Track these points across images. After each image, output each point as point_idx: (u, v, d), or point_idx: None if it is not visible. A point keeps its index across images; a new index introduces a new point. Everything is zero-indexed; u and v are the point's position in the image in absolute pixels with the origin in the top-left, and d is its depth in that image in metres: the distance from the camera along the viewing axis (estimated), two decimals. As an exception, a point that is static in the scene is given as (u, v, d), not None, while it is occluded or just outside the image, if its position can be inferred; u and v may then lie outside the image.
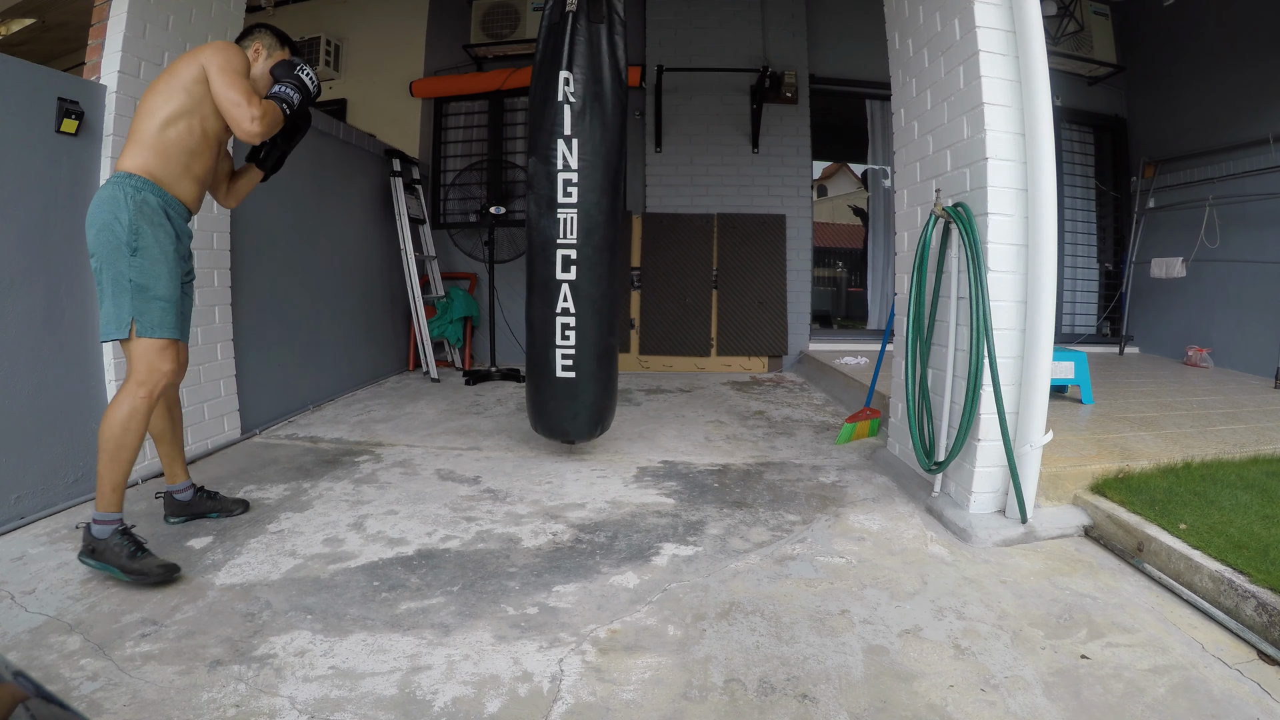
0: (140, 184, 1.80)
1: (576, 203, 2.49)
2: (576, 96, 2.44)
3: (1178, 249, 4.76)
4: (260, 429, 3.24)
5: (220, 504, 2.25)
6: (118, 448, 1.78)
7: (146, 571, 1.73)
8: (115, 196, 1.78)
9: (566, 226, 2.50)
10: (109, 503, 1.78)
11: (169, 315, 1.84)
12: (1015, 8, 2.05)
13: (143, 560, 1.74)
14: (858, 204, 10.52)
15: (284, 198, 3.37)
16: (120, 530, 1.78)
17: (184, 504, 2.21)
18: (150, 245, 1.81)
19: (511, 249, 4.90)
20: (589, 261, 2.53)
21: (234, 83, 1.85)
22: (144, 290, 1.80)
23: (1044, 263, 2.04)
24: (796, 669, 1.43)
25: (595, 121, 2.48)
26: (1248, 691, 1.35)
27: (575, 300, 2.54)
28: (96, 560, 1.75)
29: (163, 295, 1.83)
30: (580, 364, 2.58)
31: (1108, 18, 5.19)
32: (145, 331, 1.80)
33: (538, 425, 2.75)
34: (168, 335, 1.84)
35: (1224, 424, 2.89)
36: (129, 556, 1.73)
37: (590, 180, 2.49)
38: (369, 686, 1.36)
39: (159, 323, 1.82)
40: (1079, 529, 2.12)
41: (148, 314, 1.81)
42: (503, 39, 5.13)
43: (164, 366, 1.83)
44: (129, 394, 1.80)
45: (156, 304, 1.82)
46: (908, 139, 2.63)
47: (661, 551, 2.00)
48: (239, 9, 2.95)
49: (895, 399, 2.79)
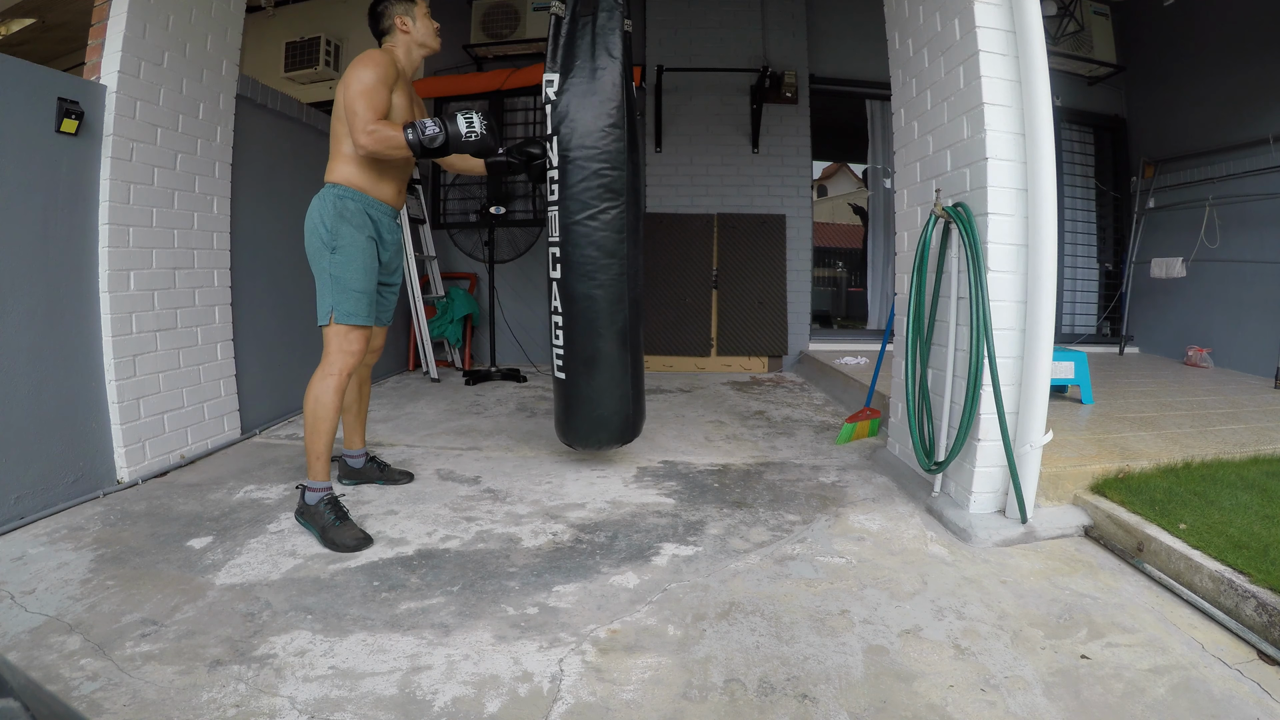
0: (342, 191, 2.07)
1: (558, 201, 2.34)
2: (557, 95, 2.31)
3: (1178, 249, 4.76)
4: (260, 429, 3.24)
5: (387, 475, 2.51)
6: (314, 420, 2.05)
7: (339, 542, 1.95)
8: (320, 204, 2.08)
9: (552, 225, 2.38)
10: (315, 471, 2.05)
11: (361, 305, 2.09)
12: (1015, 8, 2.05)
13: (338, 530, 1.97)
14: (858, 204, 10.52)
15: (284, 198, 3.37)
16: (327, 499, 2.03)
17: (355, 470, 2.48)
18: (348, 244, 2.06)
19: (511, 249, 4.90)
20: (571, 260, 2.37)
21: (358, 98, 1.98)
22: (340, 281, 2.05)
23: (1044, 263, 2.04)
24: (796, 669, 1.43)
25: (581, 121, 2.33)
26: (1248, 691, 1.35)
27: (563, 299, 2.40)
28: (304, 520, 2.04)
29: (357, 287, 2.07)
30: (569, 366, 2.46)
31: (1108, 18, 5.19)
32: (341, 319, 2.06)
33: (557, 428, 2.61)
34: (359, 322, 2.08)
35: (1224, 424, 2.89)
36: (330, 525, 1.98)
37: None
38: (369, 686, 1.36)
39: (352, 311, 2.07)
40: (1079, 529, 2.12)
41: (344, 303, 2.06)
42: (503, 39, 5.13)
43: (353, 348, 2.08)
44: (319, 372, 2.07)
45: (351, 294, 2.06)
46: (908, 139, 2.63)
47: (661, 551, 2.00)
48: (239, 9, 2.95)
49: (895, 399, 2.79)
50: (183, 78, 2.67)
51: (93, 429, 2.38)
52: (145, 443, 2.55)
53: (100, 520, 2.15)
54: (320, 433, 2.04)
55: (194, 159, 2.75)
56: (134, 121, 2.46)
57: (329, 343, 2.06)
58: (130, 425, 2.48)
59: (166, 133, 2.61)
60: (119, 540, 2.01)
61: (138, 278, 2.52)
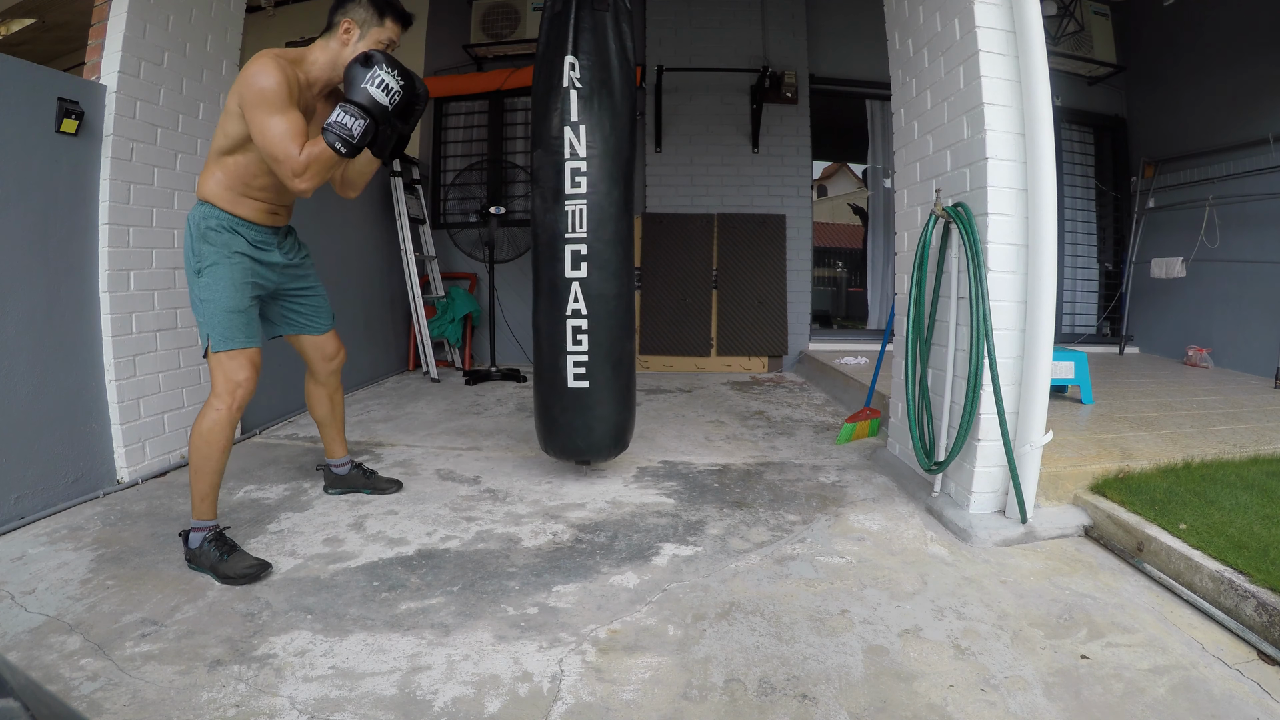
0: (206, 211, 1.84)
1: (585, 194, 2.27)
2: (583, 82, 2.27)
3: (1178, 249, 4.76)
4: (260, 429, 3.24)
5: (374, 482, 2.42)
6: (199, 458, 1.84)
7: (233, 575, 1.77)
8: (187, 225, 1.86)
9: (575, 219, 2.28)
10: (200, 510, 1.86)
11: (235, 326, 1.85)
12: (1015, 8, 2.05)
13: (228, 564, 1.79)
14: (858, 204, 10.52)
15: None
16: (210, 537, 1.83)
17: (340, 478, 2.41)
18: (211, 265, 1.83)
19: (511, 249, 4.91)
20: (600, 257, 2.31)
21: (267, 128, 1.69)
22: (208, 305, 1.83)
23: (1044, 263, 2.04)
24: (796, 669, 1.43)
25: (604, 109, 2.30)
26: (1248, 691, 1.35)
27: (587, 300, 2.31)
28: (194, 566, 1.83)
29: (227, 306, 1.84)
30: (594, 372, 2.35)
31: (1108, 18, 5.19)
32: (218, 345, 1.84)
33: (549, 445, 2.48)
34: (236, 346, 1.86)
35: (1224, 424, 2.89)
36: (219, 561, 1.80)
37: (601, 170, 2.30)
38: (369, 686, 1.36)
39: (226, 335, 1.84)
40: (1079, 529, 2.12)
41: (217, 328, 1.84)
42: (503, 39, 5.14)
43: (238, 376, 1.86)
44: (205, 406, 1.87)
45: (222, 316, 1.83)
46: (908, 139, 2.63)
47: (661, 551, 2.00)
48: (239, 9, 2.94)
49: (895, 399, 2.79)
50: (183, 78, 2.67)
51: (93, 429, 2.38)
52: (145, 443, 2.55)
53: (100, 520, 2.15)
54: (205, 472, 1.83)
55: (194, 159, 2.75)
56: (134, 121, 2.46)
57: (213, 373, 1.84)
58: (130, 425, 2.48)
59: (166, 133, 2.61)
60: (119, 540, 2.01)
61: (138, 278, 2.52)
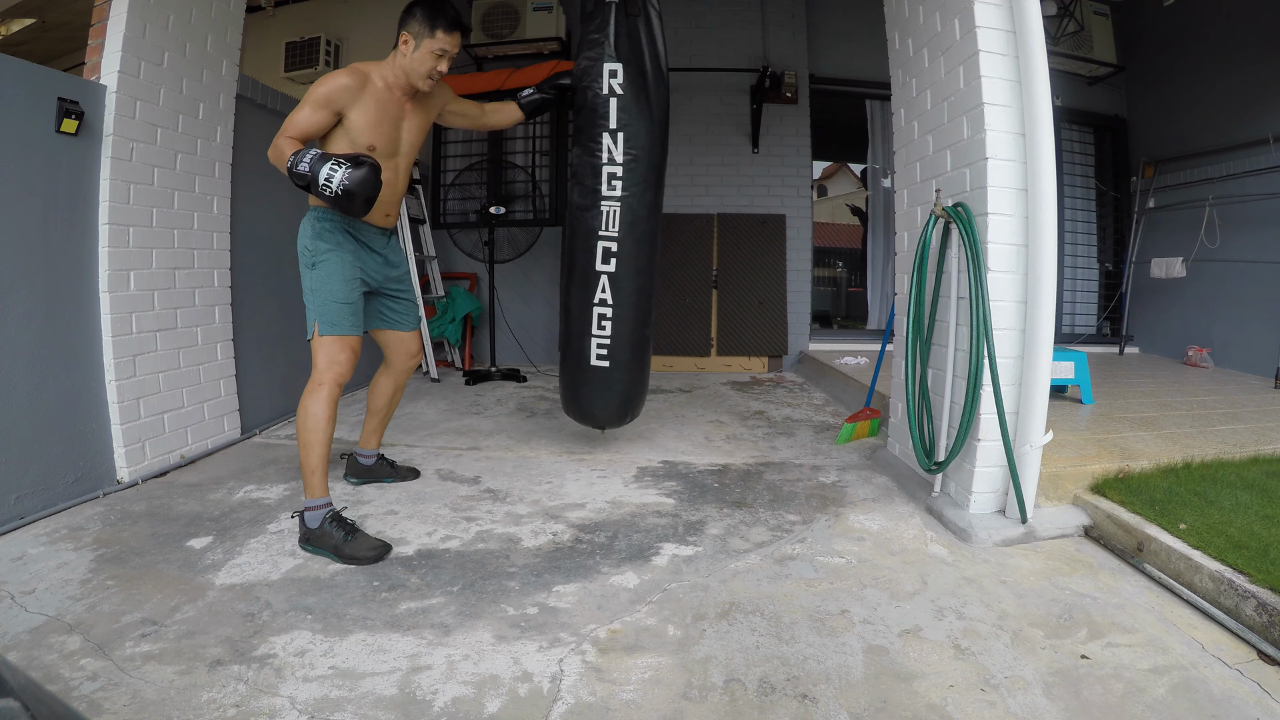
0: (320, 214, 2.07)
1: (620, 196, 2.47)
2: (623, 89, 2.42)
3: (1178, 249, 4.76)
4: (260, 429, 3.24)
5: (398, 473, 2.57)
6: (307, 434, 2.00)
7: (359, 556, 1.89)
8: (303, 226, 2.09)
9: (609, 219, 2.48)
10: (313, 488, 1.99)
11: (344, 315, 2.07)
12: (1015, 8, 2.05)
13: (353, 545, 1.91)
14: (857, 204, 10.51)
15: (283, 197, 3.36)
16: (330, 516, 1.96)
17: (366, 468, 2.53)
18: (326, 259, 2.05)
19: (511, 249, 4.90)
20: (629, 254, 2.51)
21: (296, 111, 1.98)
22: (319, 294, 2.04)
23: (1044, 263, 2.04)
24: (796, 669, 1.43)
25: (641, 115, 2.44)
26: (1248, 691, 1.35)
27: (614, 292, 2.52)
28: (312, 546, 1.95)
29: (338, 298, 2.06)
30: (615, 354, 2.57)
31: (1108, 18, 5.19)
32: (325, 330, 2.04)
33: (570, 409, 2.76)
34: (342, 333, 2.07)
35: (1224, 424, 2.89)
36: (343, 542, 1.91)
37: (634, 174, 2.47)
38: (369, 686, 1.36)
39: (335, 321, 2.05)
40: (1079, 529, 2.12)
41: (326, 314, 2.05)
42: (503, 39, 5.13)
43: (339, 357, 2.06)
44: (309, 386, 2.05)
45: (332, 306, 2.05)
46: (908, 139, 2.63)
47: (661, 551, 2.00)
48: (239, 9, 2.95)
49: (895, 399, 2.79)
50: (183, 78, 2.67)
51: (93, 429, 2.38)
52: (145, 443, 2.55)
53: (100, 520, 2.15)
54: (313, 446, 1.99)
55: (194, 159, 2.75)
56: (134, 121, 2.46)
57: (316, 355, 2.05)
58: (130, 425, 2.48)
59: (166, 133, 2.61)
60: (119, 540, 2.01)
61: (138, 278, 2.52)
